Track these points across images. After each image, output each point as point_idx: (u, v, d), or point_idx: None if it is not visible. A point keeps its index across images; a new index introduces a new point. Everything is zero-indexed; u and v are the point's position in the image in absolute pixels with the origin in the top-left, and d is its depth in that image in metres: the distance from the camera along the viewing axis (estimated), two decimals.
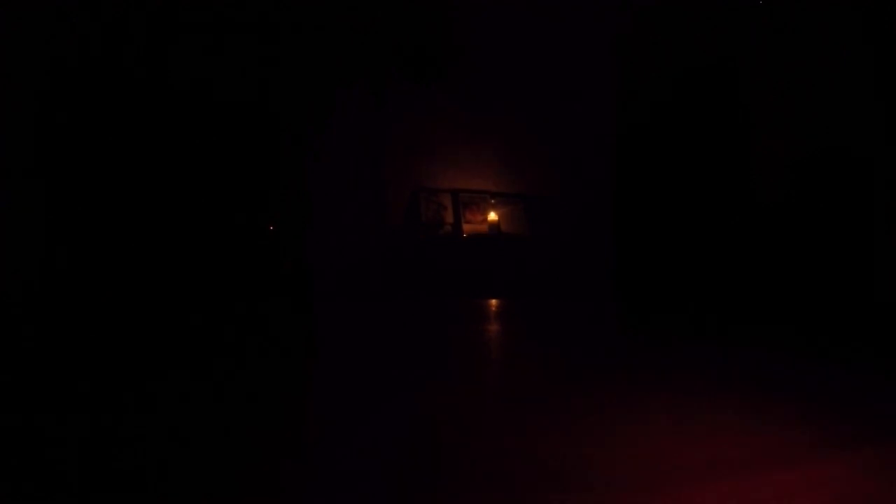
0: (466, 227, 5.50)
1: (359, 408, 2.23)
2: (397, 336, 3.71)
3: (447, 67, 4.97)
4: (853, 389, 2.52)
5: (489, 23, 5.34)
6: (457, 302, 4.93)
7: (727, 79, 4.97)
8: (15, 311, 3.64)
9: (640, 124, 5.37)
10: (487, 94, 5.51)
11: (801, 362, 2.99)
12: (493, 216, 5.58)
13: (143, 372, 2.68)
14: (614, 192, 5.61)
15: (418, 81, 4.92)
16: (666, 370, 2.82)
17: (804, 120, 4.64)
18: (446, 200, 5.55)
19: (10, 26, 3.85)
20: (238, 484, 1.56)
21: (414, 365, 2.95)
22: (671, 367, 2.90)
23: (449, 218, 5.51)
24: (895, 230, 4.28)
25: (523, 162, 5.81)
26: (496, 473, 1.63)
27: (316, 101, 4.65)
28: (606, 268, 5.47)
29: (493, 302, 5.00)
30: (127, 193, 4.15)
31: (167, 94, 4.16)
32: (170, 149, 4.23)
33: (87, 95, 4.05)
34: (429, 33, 4.88)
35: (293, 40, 4.43)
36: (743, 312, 4.32)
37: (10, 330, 3.35)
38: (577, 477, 1.61)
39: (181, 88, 4.17)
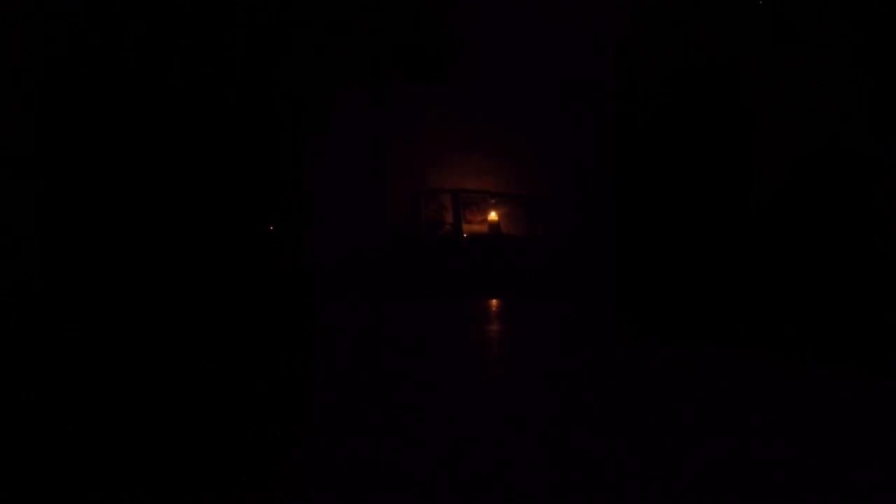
0: (466, 227, 5.50)
1: (357, 408, 2.22)
2: (396, 337, 3.70)
3: (447, 67, 4.98)
4: (853, 390, 2.52)
5: (489, 23, 5.34)
6: (456, 302, 4.93)
7: (727, 78, 4.97)
8: (15, 312, 3.64)
9: (640, 124, 5.37)
10: (488, 94, 5.51)
11: (802, 362, 2.99)
12: (493, 216, 5.58)
13: (142, 371, 2.67)
14: (614, 192, 5.61)
15: (418, 81, 4.93)
16: (665, 371, 2.82)
17: (805, 119, 4.65)
18: (446, 200, 5.55)
19: (10, 25, 3.85)
20: (237, 484, 1.56)
21: (412, 366, 2.95)
22: (670, 367, 2.89)
23: (449, 218, 5.52)
24: (895, 230, 4.28)
25: (523, 162, 5.82)
26: (494, 474, 1.63)
27: (316, 101, 4.65)
28: (606, 268, 5.47)
29: (494, 302, 5.00)
30: (126, 193, 4.15)
31: (167, 94, 4.16)
32: (169, 149, 4.23)
33: (87, 95, 4.05)
34: (429, 33, 4.88)
35: (293, 40, 4.43)
36: (742, 313, 4.32)
37: (9, 330, 3.35)
38: (575, 477, 1.61)
39: (181, 88, 4.18)
